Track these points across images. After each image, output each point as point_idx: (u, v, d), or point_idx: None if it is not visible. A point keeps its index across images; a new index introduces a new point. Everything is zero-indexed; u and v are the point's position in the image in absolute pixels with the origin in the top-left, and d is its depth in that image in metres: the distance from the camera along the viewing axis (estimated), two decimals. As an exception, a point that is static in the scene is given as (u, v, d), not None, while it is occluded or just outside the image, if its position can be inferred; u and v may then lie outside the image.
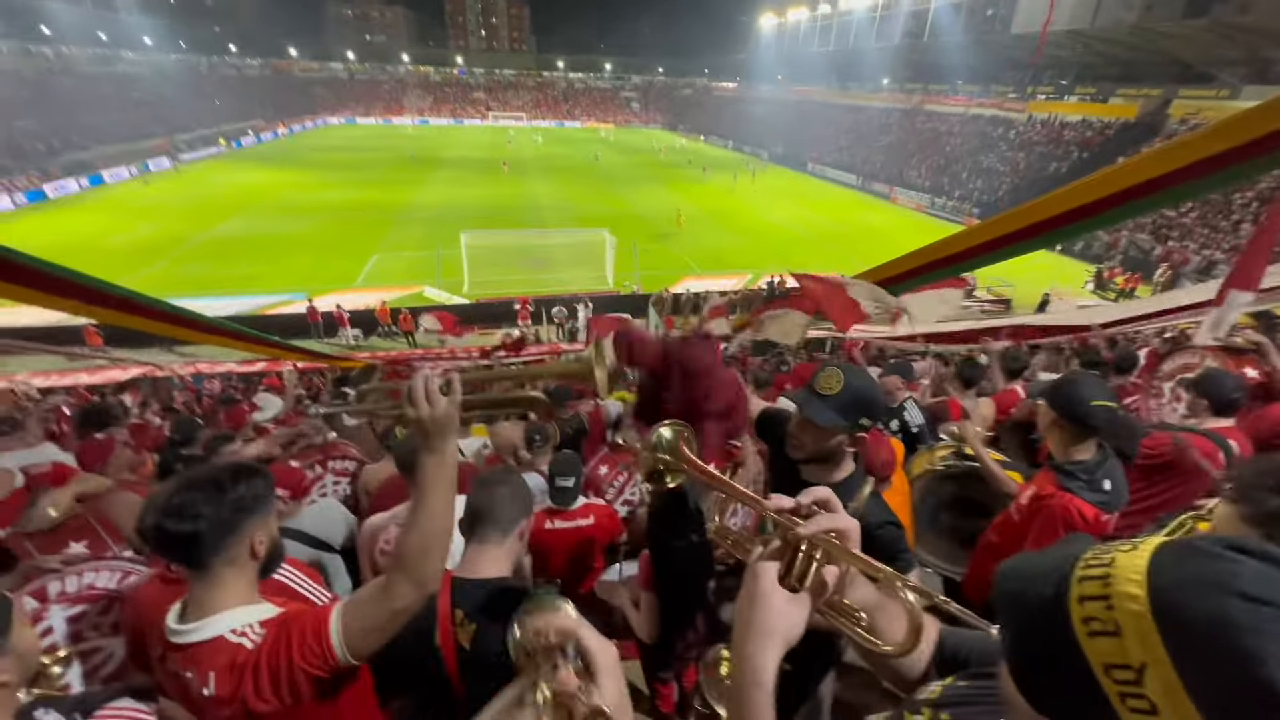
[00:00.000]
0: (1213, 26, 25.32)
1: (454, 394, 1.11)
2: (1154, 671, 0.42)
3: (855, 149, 46.12)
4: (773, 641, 0.70)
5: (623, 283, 19.82)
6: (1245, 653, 0.39)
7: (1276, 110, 3.18)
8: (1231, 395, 2.12)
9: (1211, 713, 0.41)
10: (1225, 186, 20.55)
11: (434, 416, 1.09)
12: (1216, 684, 0.41)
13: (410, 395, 1.08)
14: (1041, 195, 5.25)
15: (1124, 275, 21.02)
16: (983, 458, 1.82)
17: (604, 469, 3.21)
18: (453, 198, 32.33)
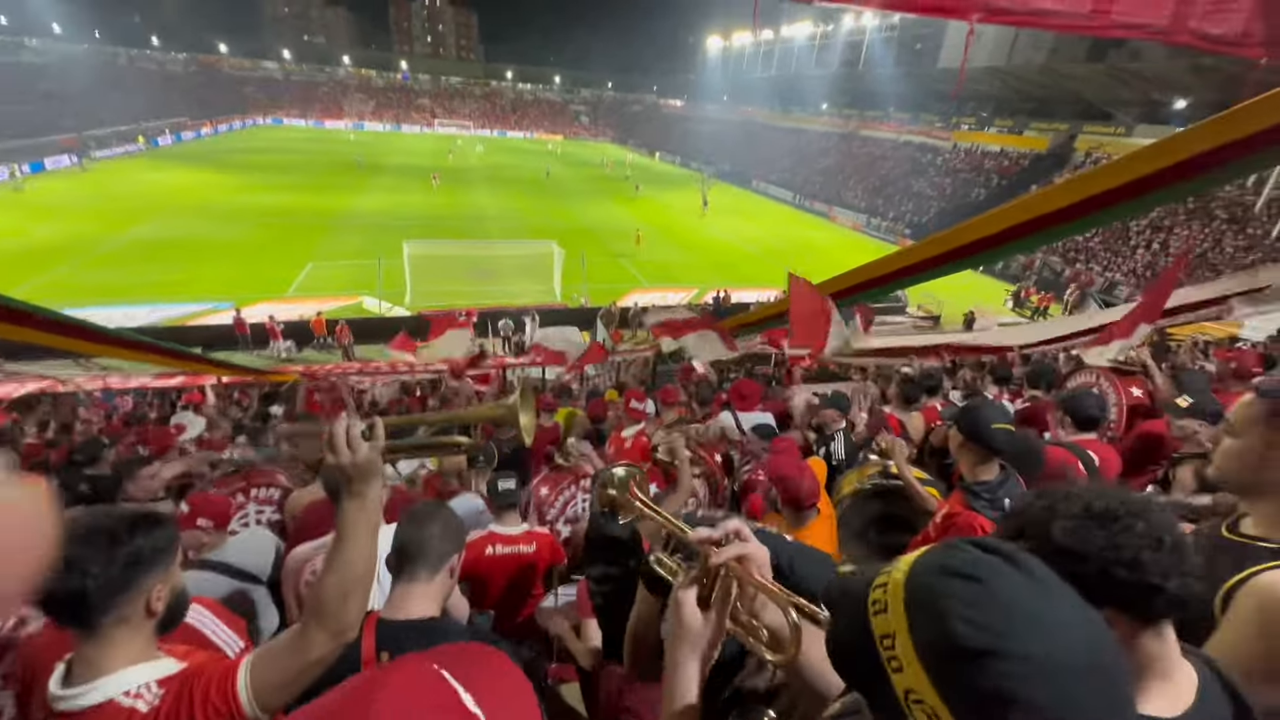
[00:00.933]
0: (1109, 70, 27.93)
1: (376, 439, 1.08)
2: (900, 636, 0.53)
3: (796, 169, 47.96)
4: (693, 654, 0.81)
5: (571, 295, 19.76)
6: (936, 611, 0.51)
7: (1165, 149, 3.56)
8: (1090, 413, 2.37)
9: (925, 664, 0.51)
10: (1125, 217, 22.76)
11: (355, 462, 1.06)
12: (925, 639, 0.51)
13: (331, 441, 1.05)
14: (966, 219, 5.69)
15: (1038, 294, 22.71)
16: (905, 474, 1.92)
17: (545, 489, 3.19)
18: (395, 205, 31.41)
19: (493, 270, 21.66)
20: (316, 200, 30.85)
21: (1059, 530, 0.79)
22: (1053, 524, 0.80)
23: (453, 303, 18.11)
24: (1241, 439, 1.07)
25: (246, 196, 30.42)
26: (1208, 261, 22.06)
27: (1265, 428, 1.04)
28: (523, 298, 19.06)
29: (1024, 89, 34.18)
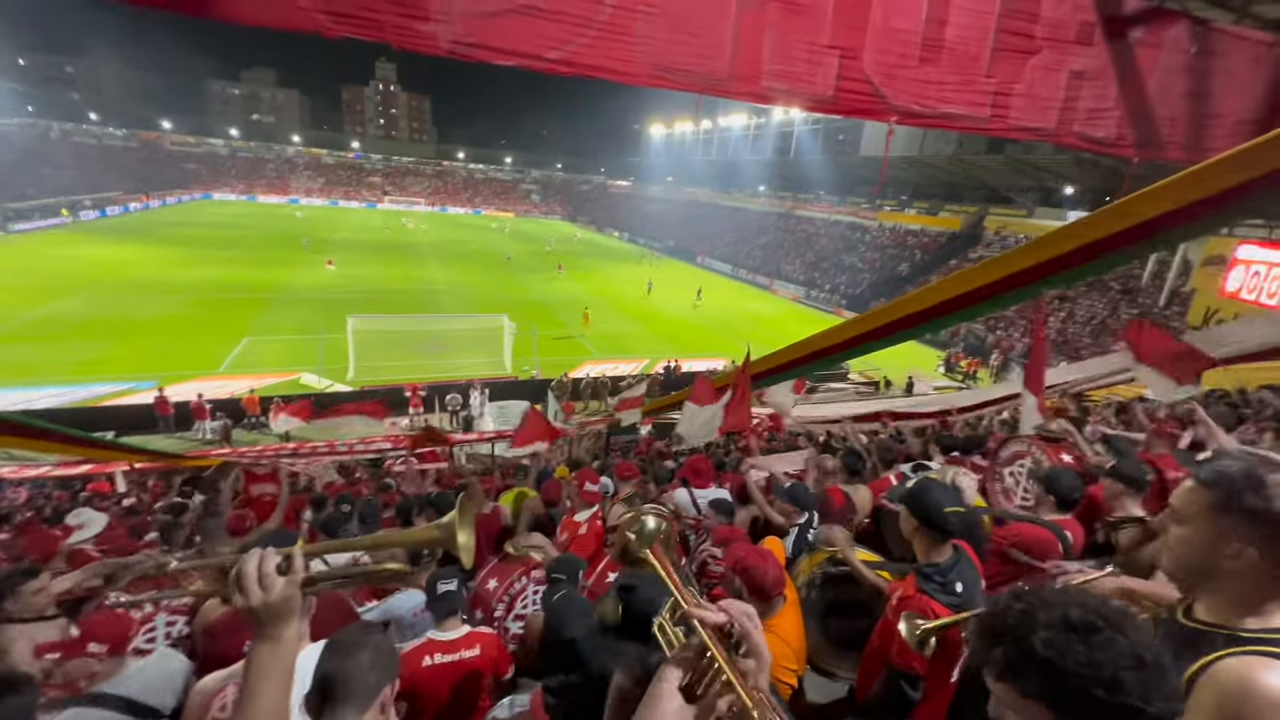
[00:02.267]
0: (1008, 161, 31.40)
1: (294, 573, 0.95)
2: None
3: (738, 245, 50.58)
4: None
5: (521, 368, 19.57)
6: None
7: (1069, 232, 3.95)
8: (1073, 495, 2.43)
9: None
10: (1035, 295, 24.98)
11: (268, 603, 0.92)
12: None
13: (237, 581, 0.92)
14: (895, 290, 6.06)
15: (967, 360, 24.19)
16: (851, 562, 1.91)
17: (493, 582, 2.98)
18: (340, 280, 30.88)
19: (441, 344, 21.32)
20: (257, 275, 30.00)
21: (1040, 642, 0.77)
22: (1034, 634, 0.78)
23: (398, 377, 17.58)
24: (1188, 527, 1.10)
25: (179, 271, 29.29)
26: (1108, 328, 24.19)
27: (1212, 516, 1.06)
28: (470, 371, 18.72)
29: (936, 176, 37.84)
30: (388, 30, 2.58)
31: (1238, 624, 1.03)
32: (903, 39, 3.52)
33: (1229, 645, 0.98)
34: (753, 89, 3.29)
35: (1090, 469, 3.24)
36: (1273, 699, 0.91)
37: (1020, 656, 0.79)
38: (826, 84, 3.50)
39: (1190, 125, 4.70)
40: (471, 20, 2.66)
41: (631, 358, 21.72)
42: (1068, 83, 4.11)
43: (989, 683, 0.85)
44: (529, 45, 2.76)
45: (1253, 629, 1.01)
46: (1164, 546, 1.16)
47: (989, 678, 0.84)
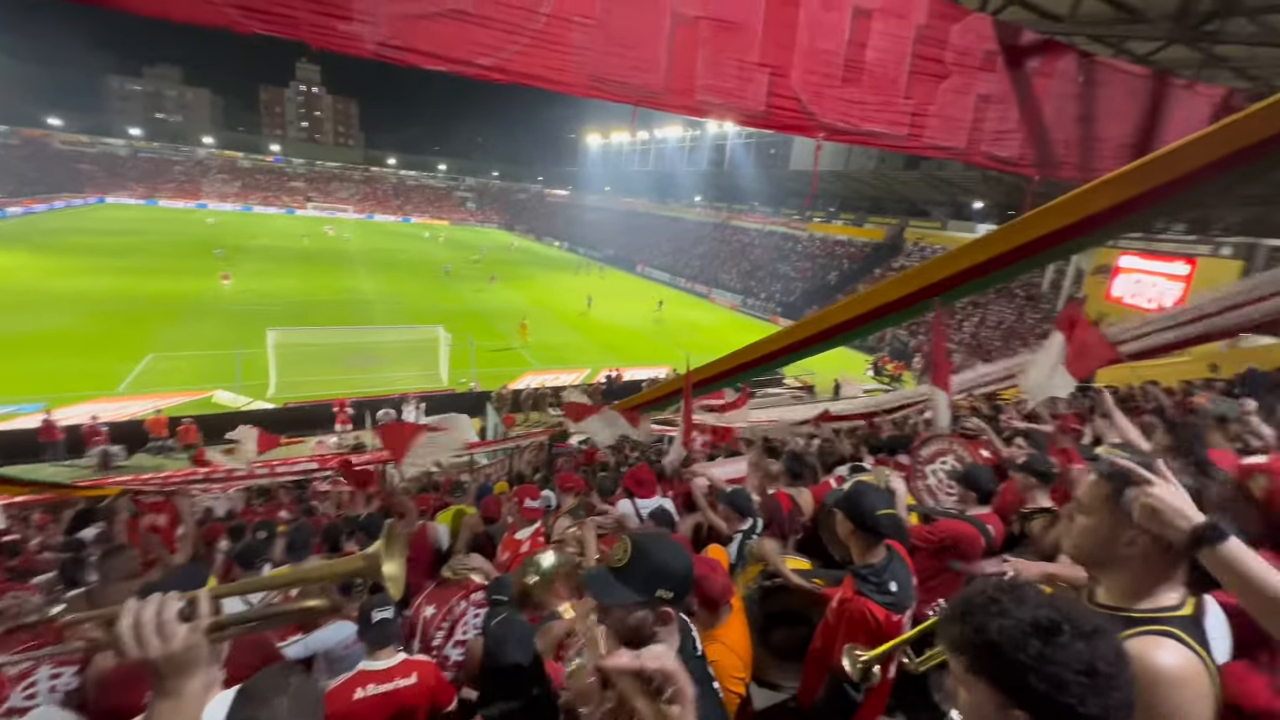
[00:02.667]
0: (923, 177, 33.56)
1: (199, 619, 0.85)
2: None
3: (677, 254, 51.36)
4: None
5: (459, 381, 19.00)
6: None
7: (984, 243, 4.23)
8: (989, 486, 2.60)
9: None
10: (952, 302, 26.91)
11: (168, 654, 0.82)
12: None
13: (133, 632, 0.82)
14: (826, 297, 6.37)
15: (893, 363, 25.54)
16: (784, 573, 1.95)
17: (430, 609, 2.84)
18: (260, 290, 29.01)
19: (372, 357, 20.39)
20: (159, 285, 27.67)
21: (996, 628, 0.81)
22: (993, 621, 0.82)
23: (324, 392, 16.65)
24: (1091, 517, 1.18)
25: (68, 281, 26.59)
26: (1015, 332, 26.20)
27: (1109, 507, 1.14)
28: (404, 384, 18.00)
29: (861, 189, 39.91)
30: (304, 28, 2.44)
31: (1133, 606, 1.11)
32: (827, 59, 3.69)
33: (1127, 627, 1.06)
34: (687, 102, 3.35)
35: (1004, 464, 3.47)
36: (1166, 675, 0.99)
37: (974, 636, 0.84)
38: (758, 100, 3.61)
39: (1081, 147, 5.18)
40: (398, 22, 2.56)
41: (572, 368, 21.55)
42: (975, 106, 4.43)
43: (945, 651, 0.90)
44: (459, 51, 2.68)
45: (1145, 609, 1.10)
46: (1068, 534, 1.24)
47: (945, 647, 0.90)
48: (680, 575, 1.30)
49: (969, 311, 28.64)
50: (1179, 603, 1.09)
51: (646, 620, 1.27)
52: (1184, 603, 1.09)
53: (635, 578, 1.25)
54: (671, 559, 1.30)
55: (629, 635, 1.28)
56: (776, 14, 3.41)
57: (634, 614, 1.26)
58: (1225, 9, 6.00)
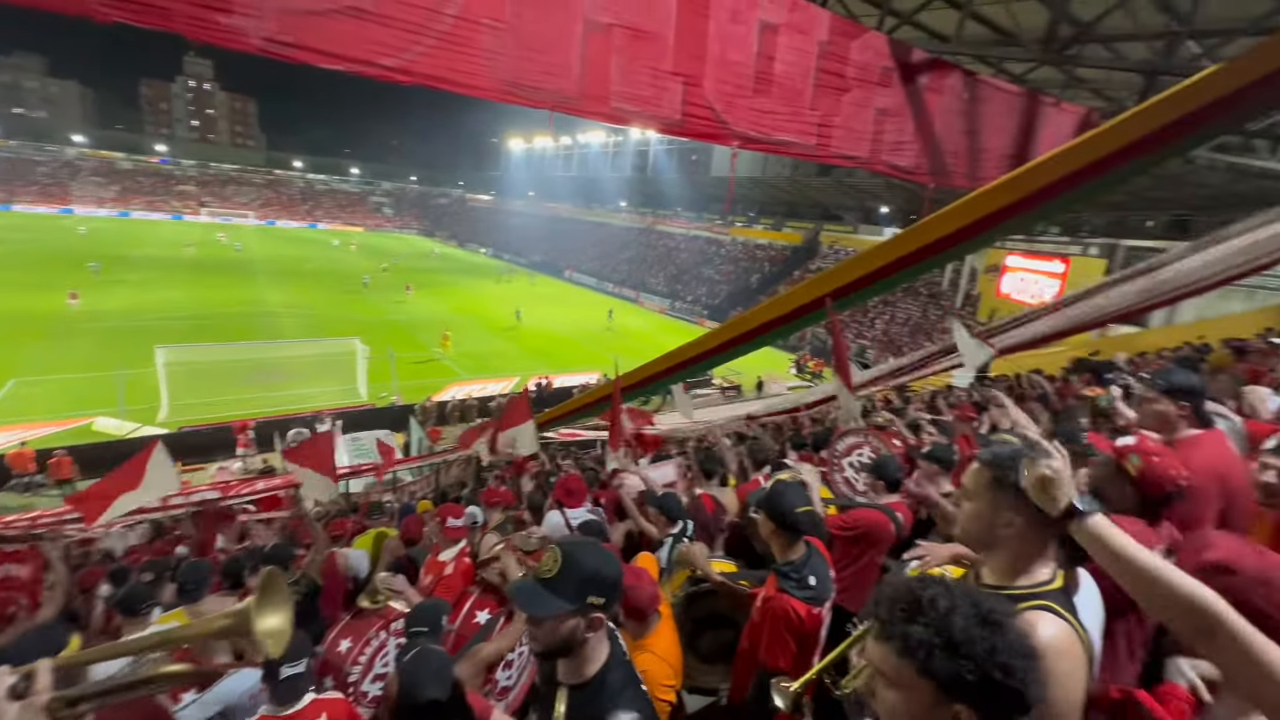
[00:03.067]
0: (835, 183, 35.43)
1: (36, 693, 0.74)
2: None
3: (604, 259, 51.46)
4: None
5: (379, 395, 18.06)
6: None
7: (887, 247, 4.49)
8: (896, 475, 2.75)
9: None
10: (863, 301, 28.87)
11: None
12: None
13: None
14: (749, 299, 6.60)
15: (814, 360, 26.75)
16: (711, 577, 1.98)
17: (346, 642, 2.65)
18: (146, 304, 26.35)
19: (281, 373, 19.00)
20: (19, 302, 24.53)
21: (958, 627, 0.83)
22: (953, 617, 0.83)
23: (225, 414, 15.34)
24: (974, 502, 1.27)
25: (-96, 299, 23.07)
26: (921, 328, 28.16)
27: (990, 492, 1.23)
28: (317, 401, 16.90)
29: (778, 195, 41.64)
30: (178, 20, 2.22)
31: (1012, 583, 1.21)
32: (738, 70, 3.81)
33: (1009, 604, 1.14)
34: (603, 109, 3.34)
35: (911, 452, 3.69)
36: (1049, 646, 1.06)
37: (936, 635, 0.83)
38: (673, 108, 3.67)
39: (968, 158, 5.65)
40: (287, 17, 2.39)
41: (500, 376, 21.03)
42: (875, 118, 4.73)
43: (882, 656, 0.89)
44: (358, 50, 2.54)
45: (1023, 586, 1.19)
46: (958, 518, 1.32)
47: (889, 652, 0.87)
48: (611, 581, 1.31)
49: (880, 310, 30.48)
50: (1051, 577, 1.19)
51: (578, 628, 1.28)
52: (1055, 577, 1.19)
53: (566, 587, 1.25)
54: (602, 565, 1.31)
55: (560, 645, 1.28)
56: (687, 24, 3.48)
57: (565, 623, 1.26)
58: (1083, 35, 6.74)
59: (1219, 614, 0.88)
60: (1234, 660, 0.87)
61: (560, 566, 1.26)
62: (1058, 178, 4.10)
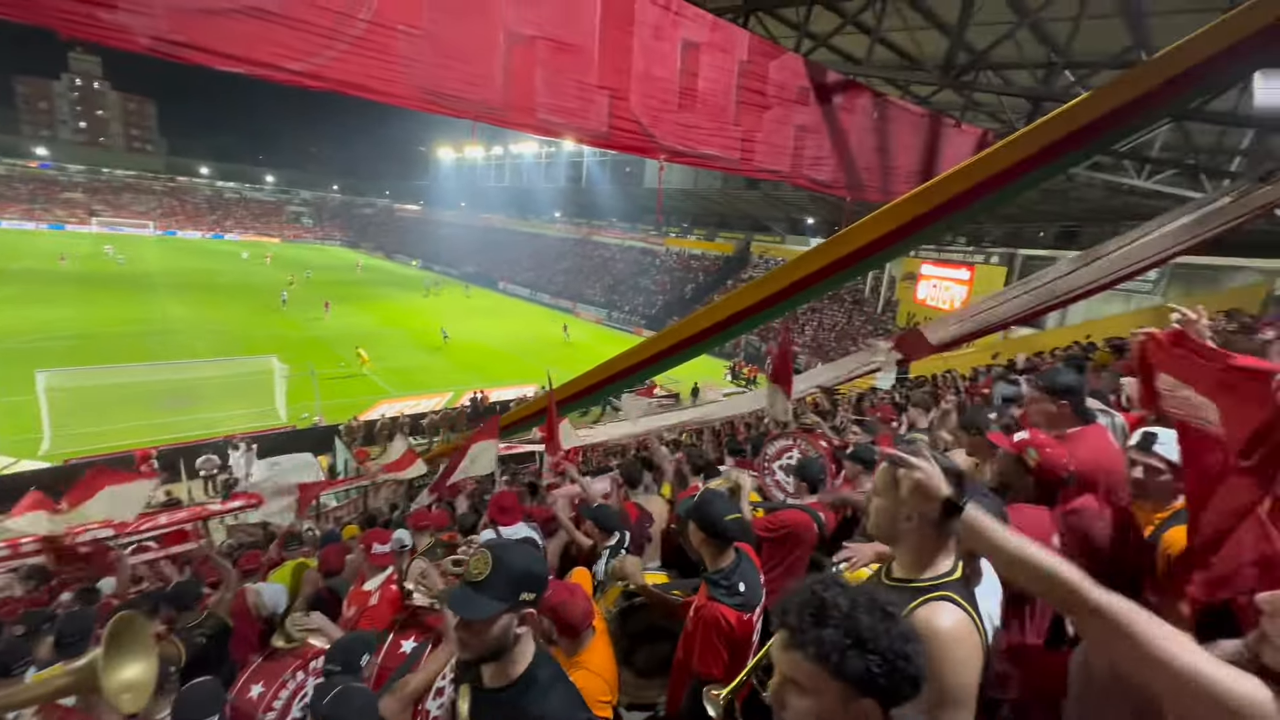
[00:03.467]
0: (763, 196, 36.78)
1: None
2: None
3: (539, 270, 50.94)
4: None
5: (300, 416, 17.00)
6: None
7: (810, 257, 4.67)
8: (818, 476, 2.86)
9: None
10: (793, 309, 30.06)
11: None
12: None
13: None
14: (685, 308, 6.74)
15: (748, 367, 27.51)
16: (645, 589, 1.98)
17: (258, 687, 2.45)
18: (22, 324, 23.68)
19: (188, 396, 17.55)
20: None
21: (865, 626, 0.85)
22: (858, 615, 0.86)
23: (121, 442, 13.97)
24: (881, 498, 1.33)
25: None
26: (847, 333, 29.58)
27: (892, 489, 1.29)
28: (229, 424, 15.71)
29: (710, 206, 42.72)
30: (51, 14, 2.02)
31: (918, 576, 1.28)
32: (663, 86, 3.89)
33: (915, 596, 1.21)
34: (528, 120, 3.32)
35: (837, 453, 3.86)
36: (947, 634, 1.15)
37: (846, 636, 0.86)
38: (600, 121, 3.69)
39: (880, 173, 6.01)
40: (180, 16, 2.22)
41: (433, 392, 20.30)
42: (795, 135, 4.95)
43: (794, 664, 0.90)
44: (262, 52, 2.40)
45: (927, 578, 1.27)
46: (869, 515, 1.39)
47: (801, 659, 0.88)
48: (540, 575, 1.36)
49: (808, 317, 31.78)
50: (952, 569, 1.27)
51: (510, 626, 1.30)
52: (956, 568, 1.27)
53: (498, 587, 1.28)
54: (531, 562, 1.35)
55: (493, 648, 1.30)
56: (611, 39, 3.52)
57: (499, 624, 1.28)
58: (977, 63, 7.34)
59: (1086, 589, 0.93)
60: (1101, 631, 0.92)
61: (490, 568, 1.28)
62: (958, 192, 4.44)
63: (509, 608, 1.28)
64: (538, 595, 1.33)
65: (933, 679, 1.07)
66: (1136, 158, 10.60)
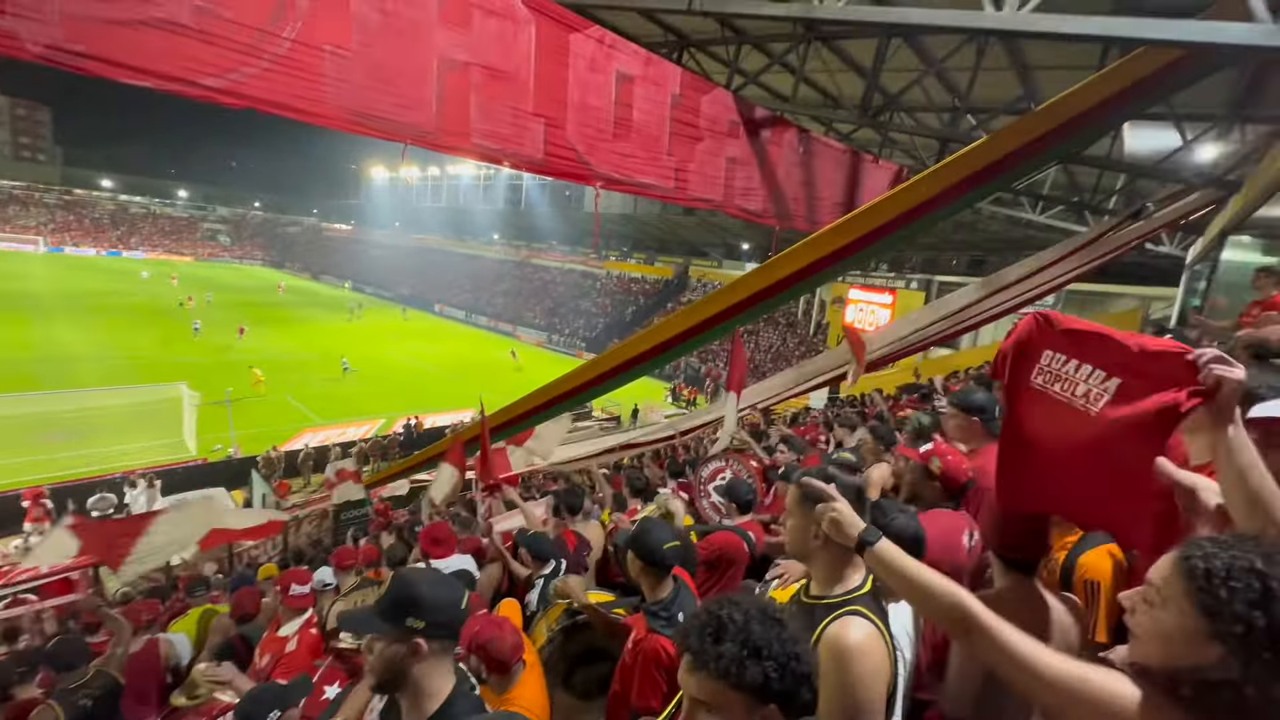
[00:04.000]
0: (700, 222, 37.86)
1: None
2: None
3: (479, 293, 50.03)
4: None
5: (212, 448, 15.75)
6: None
7: (745, 282, 4.83)
8: (747, 497, 2.93)
9: None
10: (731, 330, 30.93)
11: None
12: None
13: None
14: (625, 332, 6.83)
15: (688, 389, 27.90)
16: (588, 608, 1.96)
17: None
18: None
19: (83, 428, 15.92)
20: None
21: (758, 635, 0.90)
22: (750, 628, 0.90)
23: (7, 481, 12.47)
24: (791, 519, 1.38)
25: None
26: (781, 354, 30.63)
27: (800, 509, 1.36)
28: (130, 459, 14.35)
29: (649, 231, 43.49)
30: (-81, 16, 1.84)
31: (830, 592, 1.34)
32: (599, 115, 3.97)
33: (828, 613, 1.27)
34: (463, 145, 3.30)
35: (768, 472, 3.97)
36: (856, 647, 1.20)
37: (742, 648, 0.89)
38: (536, 147, 3.72)
39: (807, 204, 6.33)
40: (79, 24, 2.08)
41: (362, 419, 19.35)
42: (727, 166, 5.15)
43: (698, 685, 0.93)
44: (173, 66, 2.28)
45: (837, 594, 1.32)
46: (785, 534, 1.45)
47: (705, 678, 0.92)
48: (434, 605, 1.31)
49: (745, 339, 32.72)
50: (861, 583, 1.34)
51: (399, 655, 1.27)
52: (865, 582, 1.33)
53: (385, 609, 1.28)
54: (429, 590, 1.31)
55: (389, 675, 1.28)
56: (546, 70, 3.58)
57: (390, 649, 1.26)
58: (891, 104, 7.93)
59: (973, 613, 1.00)
60: (992, 655, 0.99)
61: (386, 590, 1.28)
62: (878, 224, 4.75)
63: (395, 634, 1.25)
64: (430, 627, 1.28)
65: (843, 691, 1.12)
66: (1031, 195, 11.70)
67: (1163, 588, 0.86)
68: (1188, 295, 9.66)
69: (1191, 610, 0.80)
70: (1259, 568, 0.77)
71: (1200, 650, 0.79)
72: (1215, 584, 0.78)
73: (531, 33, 3.41)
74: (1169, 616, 0.83)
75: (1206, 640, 0.78)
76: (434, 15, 3.03)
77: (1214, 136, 7.17)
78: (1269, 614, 0.74)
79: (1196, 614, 0.79)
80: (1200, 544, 0.85)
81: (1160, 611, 0.85)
